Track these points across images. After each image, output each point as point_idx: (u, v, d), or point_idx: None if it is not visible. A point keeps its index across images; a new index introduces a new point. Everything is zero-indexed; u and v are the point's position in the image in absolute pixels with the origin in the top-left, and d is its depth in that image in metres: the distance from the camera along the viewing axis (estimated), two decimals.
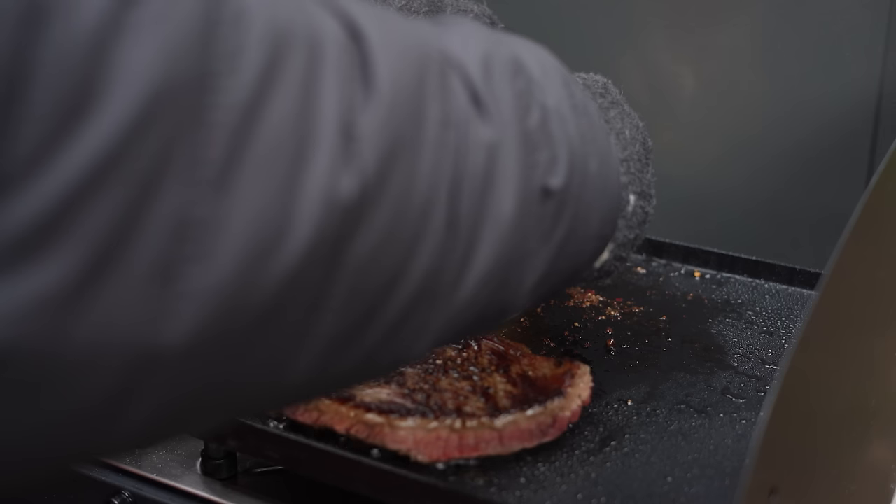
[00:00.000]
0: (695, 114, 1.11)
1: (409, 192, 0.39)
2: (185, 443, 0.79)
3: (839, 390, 0.60)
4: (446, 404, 0.69)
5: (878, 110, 0.99)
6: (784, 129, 1.05)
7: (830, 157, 1.03)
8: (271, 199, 0.34)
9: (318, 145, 0.36)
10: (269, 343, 0.37)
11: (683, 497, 0.66)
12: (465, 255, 0.43)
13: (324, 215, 0.36)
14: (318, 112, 0.36)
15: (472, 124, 0.43)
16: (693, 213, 1.11)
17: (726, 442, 0.72)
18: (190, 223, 0.33)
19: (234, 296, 0.34)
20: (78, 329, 0.31)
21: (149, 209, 0.32)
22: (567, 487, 0.67)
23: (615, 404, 0.76)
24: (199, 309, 0.34)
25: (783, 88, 1.04)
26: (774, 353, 0.84)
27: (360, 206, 0.37)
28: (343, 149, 0.36)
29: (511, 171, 0.45)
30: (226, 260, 0.34)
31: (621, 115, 0.64)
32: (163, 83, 0.31)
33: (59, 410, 0.33)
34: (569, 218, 0.50)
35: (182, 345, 0.34)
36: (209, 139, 0.33)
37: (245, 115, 0.34)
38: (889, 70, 0.97)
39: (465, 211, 0.43)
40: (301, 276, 0.36)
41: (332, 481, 0.70)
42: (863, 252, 0.58)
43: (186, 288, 0.33)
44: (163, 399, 0.35)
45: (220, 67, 0.33)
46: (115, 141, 0.30)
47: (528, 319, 0.90)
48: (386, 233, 0.39)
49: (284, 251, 0.35)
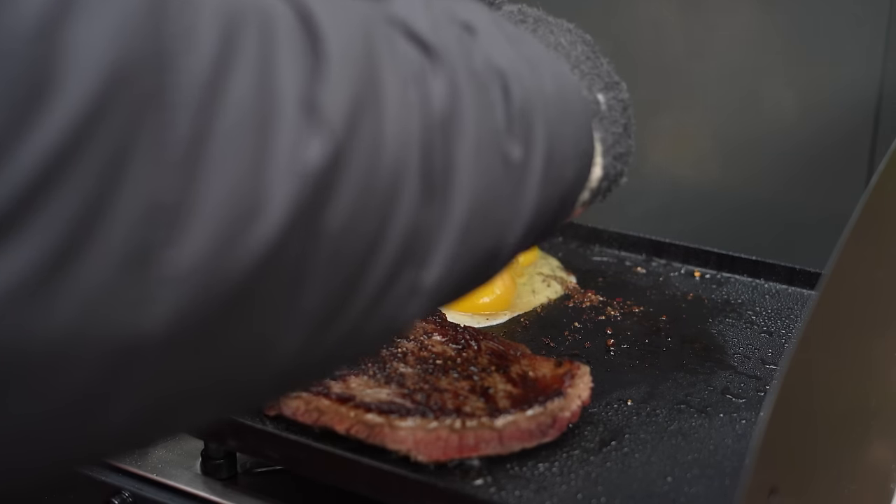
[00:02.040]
0: (695, 114, 1.11)
1: (378, 154, 0.39)
2: (185, 443, 0.79)
3: (839, 390, 0.60)
4: (446, 404, 0.69)
5: (878, 110, 0.99)
6: (784, 129, 1.05)
7: (830, 157, 1.03)
8: (241, 177, 0.34)
9: (282, 119, 0.35)
10: (253, 323, 0.37)
11: (683, 497, 0.66)
12: (443, 209, 0.43)
13: (295, 187, 0.36)
14: (277, 87, 0.35)
15: (428, 76, 0.43)
16: (693, 213, 1.11)
17: (726, 442, 0.72)
18: (160, 206, 0.32)
19: (212, 277, 0.34)
20: (49, 322, 0.31)
21: (117, 194, 0.31)
22: (567, 487, 0.67)
23: (615, 404, 0.76)
24: (178, 294, 0.33)
25: (783, 88, 1.04)
26: (774, 353, 0.84)
27: (331, 173, 0.37)
28: (306, 119, 0.36)
29: (472, 115, 0.45)
30: (200, 242, 0.33)
31: (550, 29, 0.63)
32: (119, 64, 0.31)
33: (31, 413, 0.32)
34: (541, 144, 0.49)
35: (162, 333, 0.33)
36: (173, 120, 0.32)
37: (206, 94, 0.33)
38: (889, 70, 0.97)
39: (439, 164, 0.42)
40: (279, 251, 0.36)
41: (332, 481, 0.70)
42: (863, 252, 0.58)
43: (162, 273, 0.33)
44: (146, 393, 0.34)
45: (174, 46, 0.32)
46: (75, 126, 0.30)
47: (528, 319, 0.90)
48: (360, 197, 0.38)
49: (260, 228, 0.35)
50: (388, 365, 0.74)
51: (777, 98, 1.04)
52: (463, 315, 0.89)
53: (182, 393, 0.36)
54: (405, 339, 0.78)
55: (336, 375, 0.73)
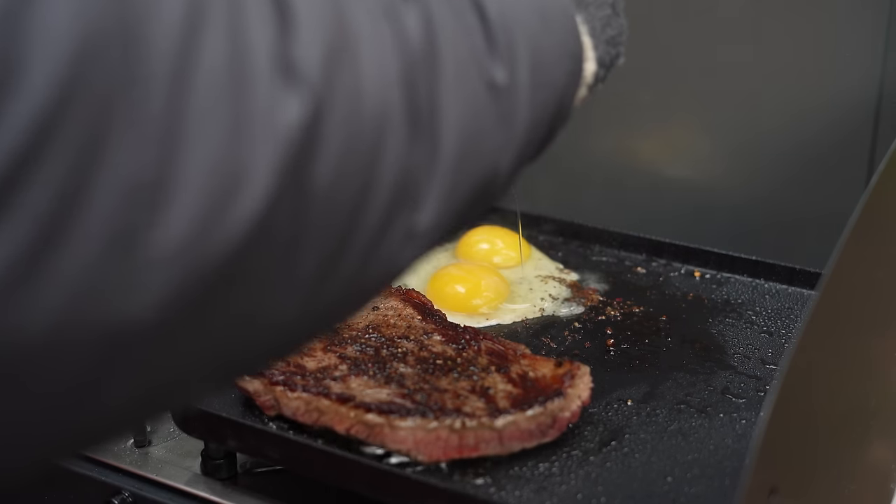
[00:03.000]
0: (695, 114, 1.11)
1: (359, 100, 0.38)
2: (185, 443, 0.79)
3: (839, 390, 0.60)
4: (446, 404, 0.69)
5: (878, 110, 0.99)
6: (784, 129, 1.05)
7: (830, 157, 1.03)
8: (221, 146, 0.33)
9: (257, 81, 0.34)
10: (248, 295, 0.36)
11: (683, 497, 0.66)
12: (432, 146, 0.41)
13: (278, 150, 0.35)
14: (248, 49, 0.34)
15: (400, 10, 0.41)
16: (693, 213, 1.11)
17: (726, 442, 0.72)
18: (141, 186, 0.31)
19: (201, 256, 0.33)
20: (34, 313, 0.30)
21: (94, 177, 0.30)
22: (567, 487, 0.67)
23: (615, 404, 0.76)
24: (166, 277, 0.32)
25: (783, 88, 1.04)
26: (774, 353, 0.84)
27: (313, 128, 0.36)
28: (282, 78, 0.35)
29: (451, 43, 0.43)
30: (186, 219, 0.32)
31: None
32: (84, 42, 0.30)
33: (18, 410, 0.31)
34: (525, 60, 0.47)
35: (153, 318, 0.32)
36: (145, 94, 0.31)
37: (177, 64, 0.32)
38: (889, 70, 0.97)
39: (423, 100, 0.41)
40: (269, 217, 0.35)
41: (332, 481, 0.70)
42: (863, 252, 0.58)
43: (149, 256, 0.32)
44: (140, 379, 0.34)
45: (140, 17, 0.31)
46: (44, 112, 0.29)
47: (528, 319, 0.90)
48: (346, 148, 0.37)
49: (245, 197, 0.34)
50: (388, 365, 0.74)
51: (777, 98, 1.04)
52: (463, 315, 0.89)
53: (176, 373, 0.36)
54: (405, 339, 0.78)
55: (336, 376, 0.73)
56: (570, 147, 1.15)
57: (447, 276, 0.95)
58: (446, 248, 1.03)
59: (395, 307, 0.82)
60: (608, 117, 1.12)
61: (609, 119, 1.12)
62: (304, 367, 0.74)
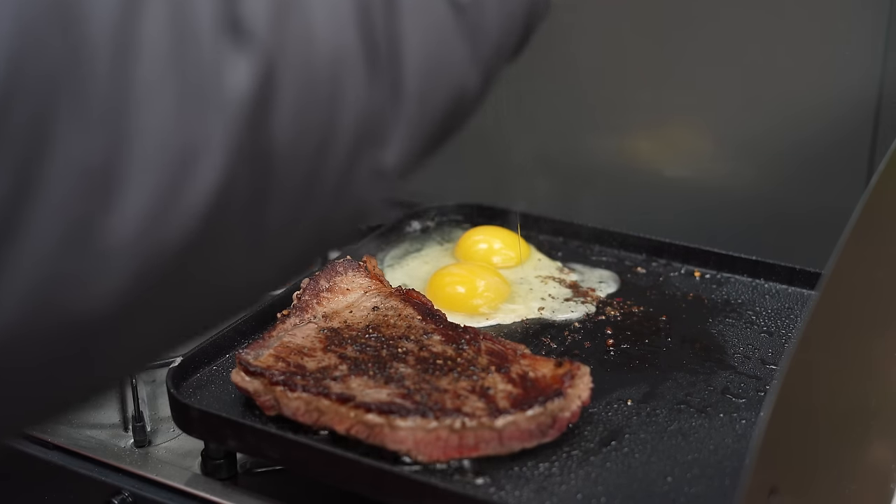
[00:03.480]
0: (695, 114, 1.11)
1: (311, 48, 0.37)
2: (185, 443, 0.79)
3: (839, 390, 0.60)
4: (446, 404, 0.69)
5: (878, 110, 0.99)
6: (784, 128, 1.05)
7: (830, 157, 1.03)
8: (171, 120, 0.32)
9: (202, 45, 0.33)
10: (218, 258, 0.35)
11: (683, 497, 0.66)
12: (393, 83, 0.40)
13: (231, 114, 0.34)
14: (191, 13, 0.33)
15: None
16: (693, 213, 1.11)
17: (726, 442, 0.72)
18: (93, 171, 0.31)
19: (163, 233, 0.32)
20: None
21: (45, 167, 0.30)
22: (567, 487, 0.67)
23: (615, 404, 0.76)
24: (127, 261, 0.32)
25: (783, 88, 1.04)
26: (774, 353, 0.84)
27: (267, 87, 0.35)
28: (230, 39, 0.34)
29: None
30: (141, 202, 0.31)
31: None
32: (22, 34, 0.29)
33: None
34: None
35: (115, 304, 0.32)
36: (90, 76, 0.31)
37: (119, 39, 0.31)
38: (889, 70, 0.97)
39: (382, 38, 0.39)
40: (229, 184, 0.34)
41: (332, 481, 0.70)
42: (863, 252, 0.58)
43: (106, 244, 0.31)
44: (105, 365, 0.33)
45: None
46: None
47: (527, 319, 0.90)
48: (302, 100, 0.36)
49: (203, 168, 0.33)
50: (389, 365, 0.74)
51: (777, 98, 1.04)
52: (463, 315, 0.89)
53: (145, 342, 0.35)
54: (405, 340, 0.78)
55: (336, 376, 0.73)
56: (569, 147, 1.15)
57: (447, 276, 0.95)
58: (446, 248, 1.03)
59: (396, 307, 0.82)
60: (608, 117, 1.12)
61: (609, 119, 1.12)
62: (304, 367, 0.74)
